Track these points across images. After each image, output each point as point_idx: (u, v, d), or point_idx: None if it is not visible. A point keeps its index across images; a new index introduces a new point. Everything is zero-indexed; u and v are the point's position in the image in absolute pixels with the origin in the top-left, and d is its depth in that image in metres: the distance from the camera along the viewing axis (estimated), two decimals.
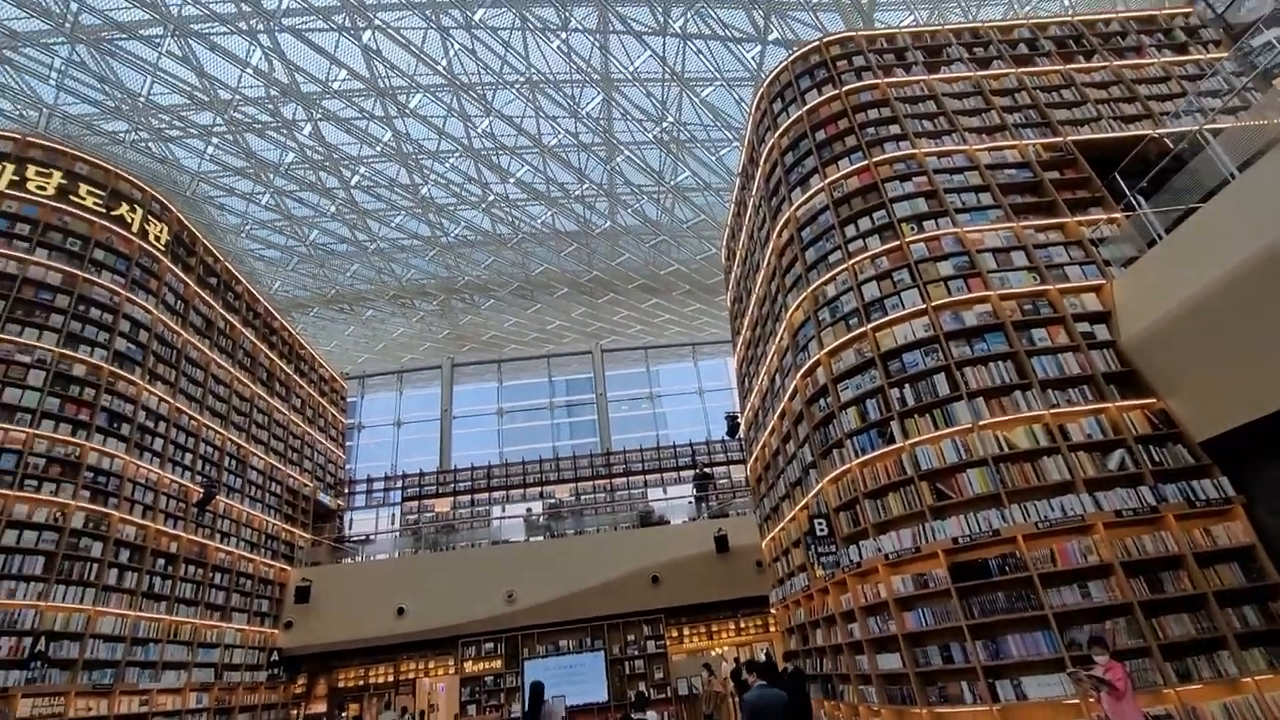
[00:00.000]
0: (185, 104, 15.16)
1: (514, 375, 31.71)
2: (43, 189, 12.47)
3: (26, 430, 10.85)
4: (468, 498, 25.41)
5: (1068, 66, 10.90)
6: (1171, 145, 8.55)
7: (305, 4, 13.58)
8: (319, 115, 16.04)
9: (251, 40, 14.20)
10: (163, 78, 14.62)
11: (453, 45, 14.75)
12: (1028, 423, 7.71)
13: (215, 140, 16.42)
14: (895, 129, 10.27)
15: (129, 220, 13.60)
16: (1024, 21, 11.88)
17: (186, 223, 15.61)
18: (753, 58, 15.03)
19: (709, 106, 16.28)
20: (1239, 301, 6.34)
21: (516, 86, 15.77)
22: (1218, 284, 6.45)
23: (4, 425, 10.68)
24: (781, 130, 11.53)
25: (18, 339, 11.27)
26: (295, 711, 16.60)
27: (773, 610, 13.45)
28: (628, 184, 18.84)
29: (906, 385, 8.40)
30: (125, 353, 12.79)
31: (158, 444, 13.27)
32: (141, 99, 15.00)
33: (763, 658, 17.93)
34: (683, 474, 24.71)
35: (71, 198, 12.74)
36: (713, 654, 18.50)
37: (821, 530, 9.12)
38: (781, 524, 11.87)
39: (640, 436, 28.47)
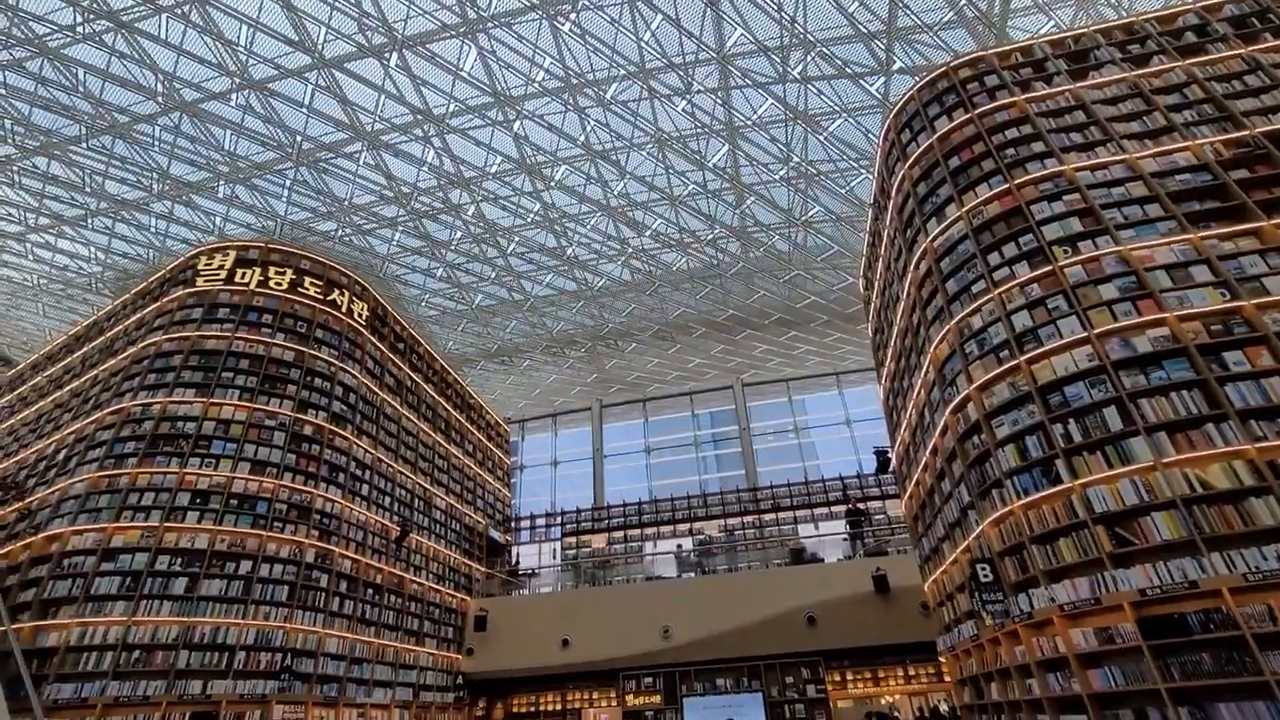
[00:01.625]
0: (376, 200, 18.12)
1: (659, 412, 32.76)
2: (279, 285, 15.49)
3: (275, 481, 13.39)
4: (620, 533, 26.48)
5: (1251, 49, 9.69)
6: None
7: (465, 105, 15.81)
8: (479, 197, 18.35)
9: (425, 143, 16.76)
10: (359, 183, 17.64)
11: (589, 121, 16.29)
12: (1226, 458, 6.86)
13: (399, 228, 19.35)
14: (1038, 146, 9.74)
15: (339, 303, 16.40)
16: (1189, 7, 10.75)
17: (380, 299, 18.45)
18: (877, 89, 14.90)
19: (835, 140, 16.29)
20: None
21: (647, 149, 16.94)
22: None
23: (259, 478, 13.27)
24: (911, 161, 11.35)
25: (266, 407, 14.01)
26: None
27: (941, 659, 12.61)
28: (758, 224, 19.21)
29: (1071, 420, 7.81)
30: (340, 413, 15.32)
31: (364, 489, 15.62)
32: (345, 202, 18.17)
33: (943, 708, 16.76)
34: (834, 509, 23.89)
35: (299, 290, 15.69)
36: (884, 701, 17.53)
37: (986, 576, 8.62)
38: (943, 566, 11.24)
39: (787, 469, 27.99)
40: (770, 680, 15.38)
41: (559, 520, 28.00)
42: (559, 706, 18.97)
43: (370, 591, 14.99)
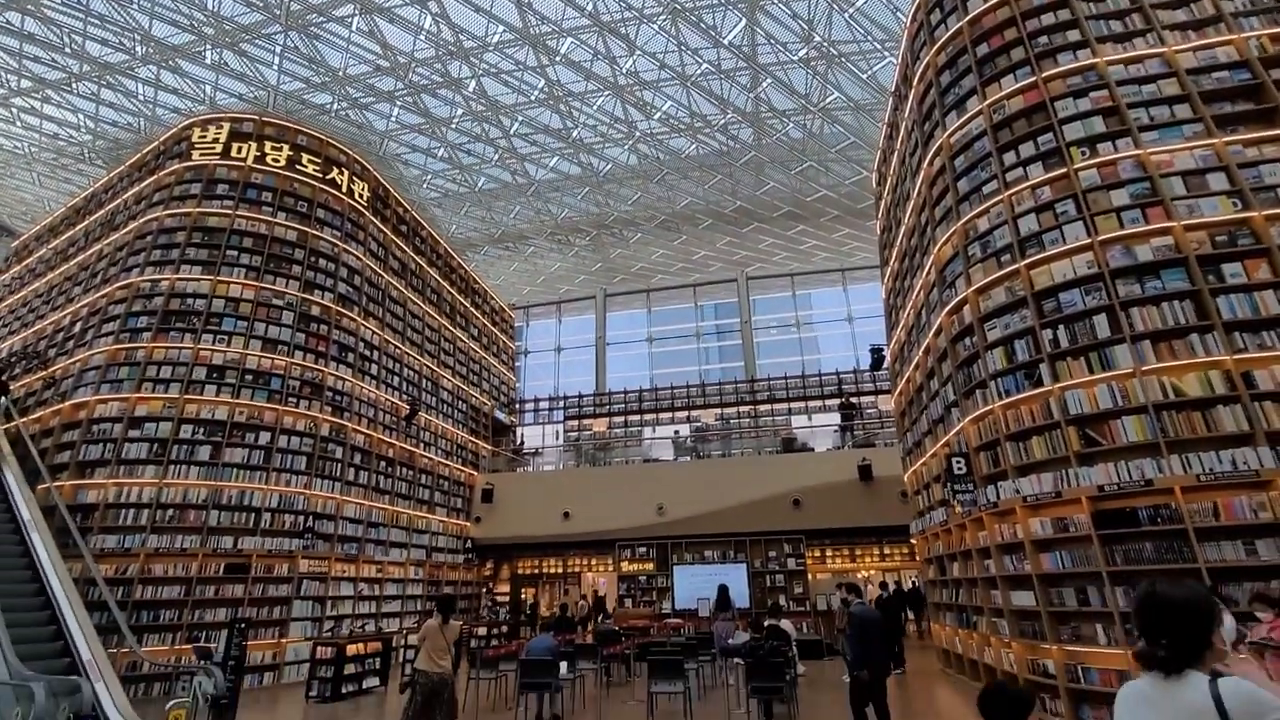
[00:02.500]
0: (371, 72, 17.20)
1: (662, 303, 32.91)
2: (277, 161, 15.13)
3: (286, 359, 13.85)
4: (621, 418, 27.60)
5: None
6: None
7: None
8: (480, 71, 17.37)
9: (422, 8, 15.62)
10: (354, 52, 16.66)
11: None
12: (1204, 368, 7.08)
13: (397, 102, 18.51)
14: (1074, 35, 9.14)
15: (339, 182, 16.08)
16: None
17: (381, 179, 18.04)
18: None
19: (862, 17, 15.14)
20: None
21: (659, 20, 15.79)
22: None
23: (270, 355, 13.71)
24: (938, 46, 10.68)
25: (273, 286, 14.18)
26: (485, 589, 20.08)
27: (913, 540, 13.64)
28: (772, 109, 18.29)
29: (1061, 326, 7.97)
30: (346, 295, 15.52)
31: (373, 369, 16.14)
32: (339, 73, 17.26)
33: (909, 586, 18.37)
34: (828, 402, 24.70)
35: (297, 167, 15.34)
36: (858, 576, 19.16)
37: (959, 469, 9.18)
38: (924, 459, 11.90)
39: (786, 362, 28.56)
40: (755, 554, 16.68)
41: (562, 404, 29.06)
42: (560, 570, 20.76)
43: (383, 464, 15.94)
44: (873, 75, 16.43)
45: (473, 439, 20.99)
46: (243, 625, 8.02)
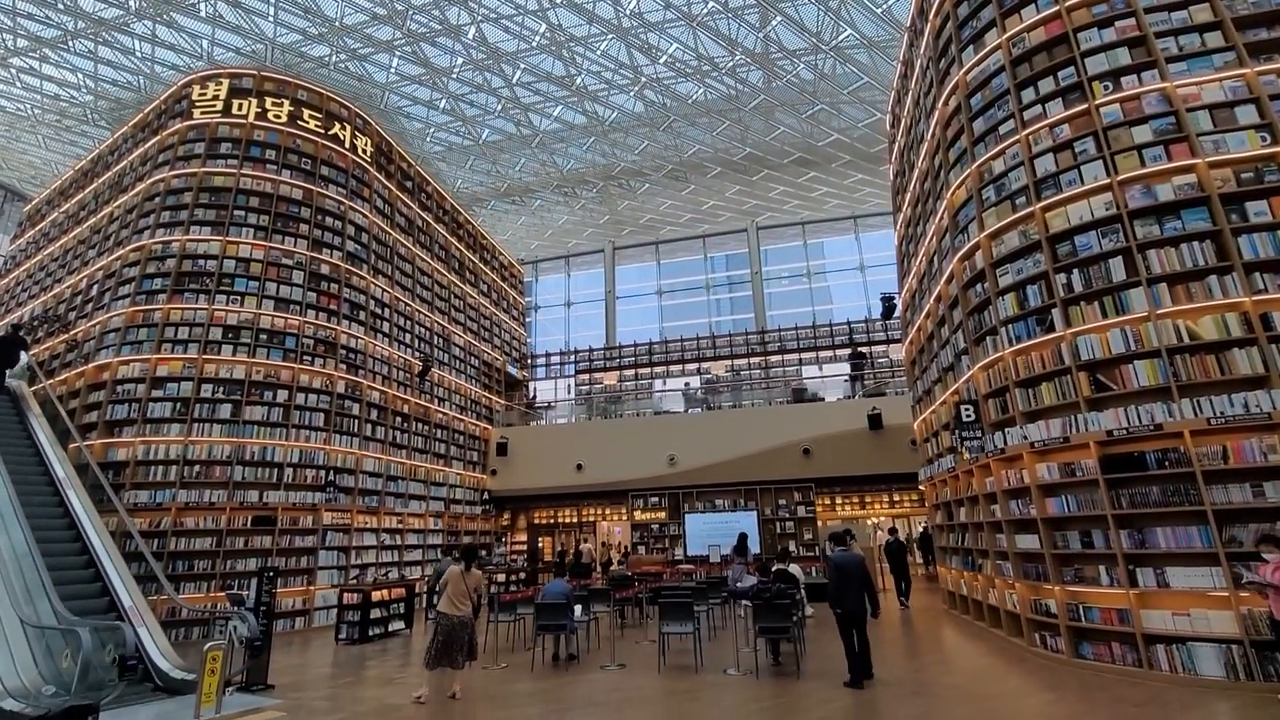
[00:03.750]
0: (368, 20, 16.70)
1: (671, 255, 32.55)
2: (278, 117, 14.93)
3: (299, 319, 13.99)
4: (631, 371, 27.74)
5: None
6: None
7: None
8: (480, 16, 16.81)
9: None
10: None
11: None
12: (1220, 310, 6.96)
13: (396, 53, 18.03)
14: None
15: (342, 138, 15.87)
16: None
17: (384, 134, 17.78)
18: None
19: None
20: None
21: None
22: None
23: (283, 314, 13.85)
24: None
25: (282, 246, 14.21)
26: (504, 538, 20.70)
27: (921, 487, 13.79)
28: (782, 50, 17.59)
29: (1075, 270, 7.83)
30: (354, 253, 15.52)
31: (385, 326, 16.28)
32: (335, 22, 16.78)
33: (920, 530, 18.67)
34: (838, 352, 24.62)
35: (299, 123, 15.13)
36: (869, 523, 19.51)
37: (968, 416, 9.20)
38: (933, 407, 11.91)
39: (796, 313, 28.36)
40: (765, 502, 16.98)
41: (573, 358, 29.21)
42: (575, 519, 21.31)
43: (399, 419, 16.25)
44: (888, 10, 15.68)
45: (486, 394, 21.27)
46: (272, 574, 8.37)
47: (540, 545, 21.56)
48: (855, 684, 6.69)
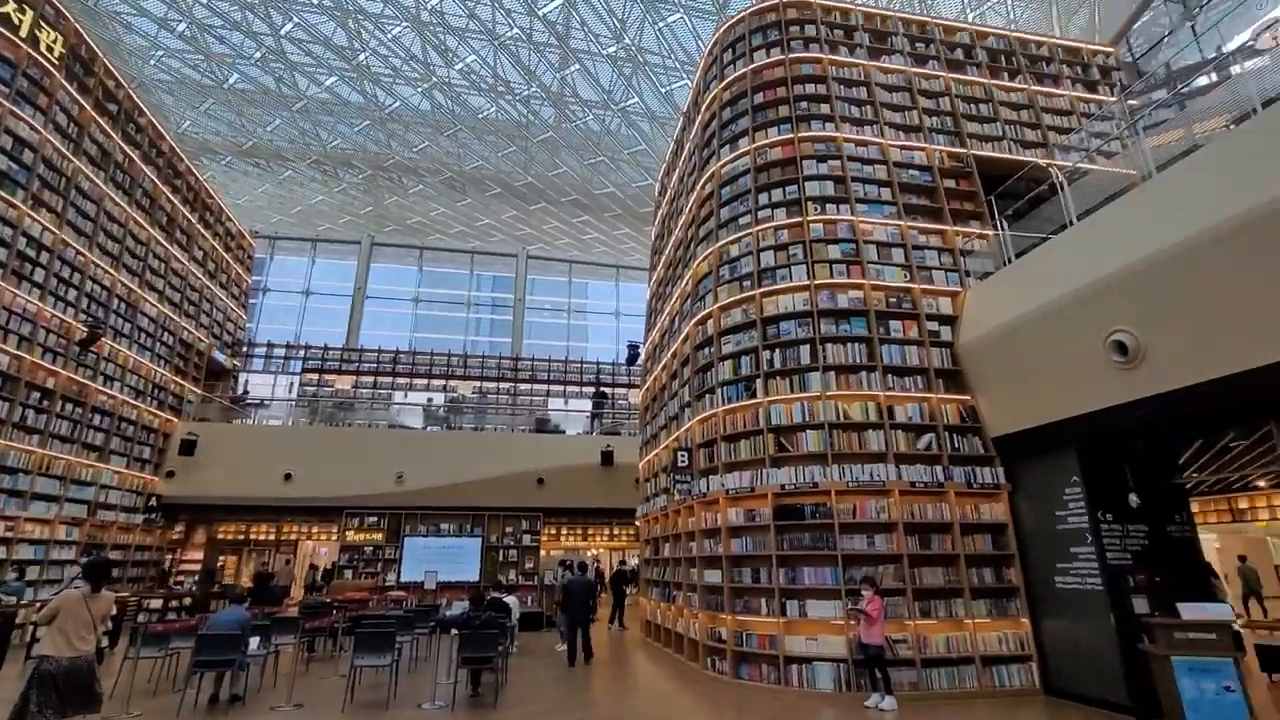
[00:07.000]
0: None
1: (436, 263, 31.18)
2: None
3: None
4: (371, 378, 25.53)
5: (991, 81, 11.71)
6: (1057, 177, 9.45)
7: None
8: None
9: None
10: None
11: None
12: (865, 399, 9.01)
13: None
14: (825, 109, 10.83)
15: (16, 21, 12.30)
16: (968, 25, 12.50)
17: (86, 36, 14.20)
18: None
19: (669, 33, 16.06)
20: (1036, 334, 7.66)
21: None
22: (1027, 316, 7.73)
23: None
24: (726, 83, 11.84)
25: None
26: (171, 556, 17.08)
27: (637, 522, 14.97)
28: (576, 97, 18.48)
29: (776, 349, 9.47)
30: (7, 172, 11.93)
31: (39, 275, 12.68)
32: None
33: (632, 564, 20.15)
34: (585, 390, 25.82)
35: None
36: (589, 554, 20.41)
37: (683, 462, 10.36)
38: (657, 450, 13.13)
39: (552, 345, 29.15)
40: (493, 528, 16.78)
41: (303, 354, 25.89)
42: (273, 536, 18.55)
43: (38, 397, 12.62)
44: (669, 93, 17.56)
45: (177, 379, 17.65)
46: None
47: (221, 564, 18.24)
48: (571, 662, 9.87)
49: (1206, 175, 5.97)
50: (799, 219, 10.05)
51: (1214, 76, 9.14)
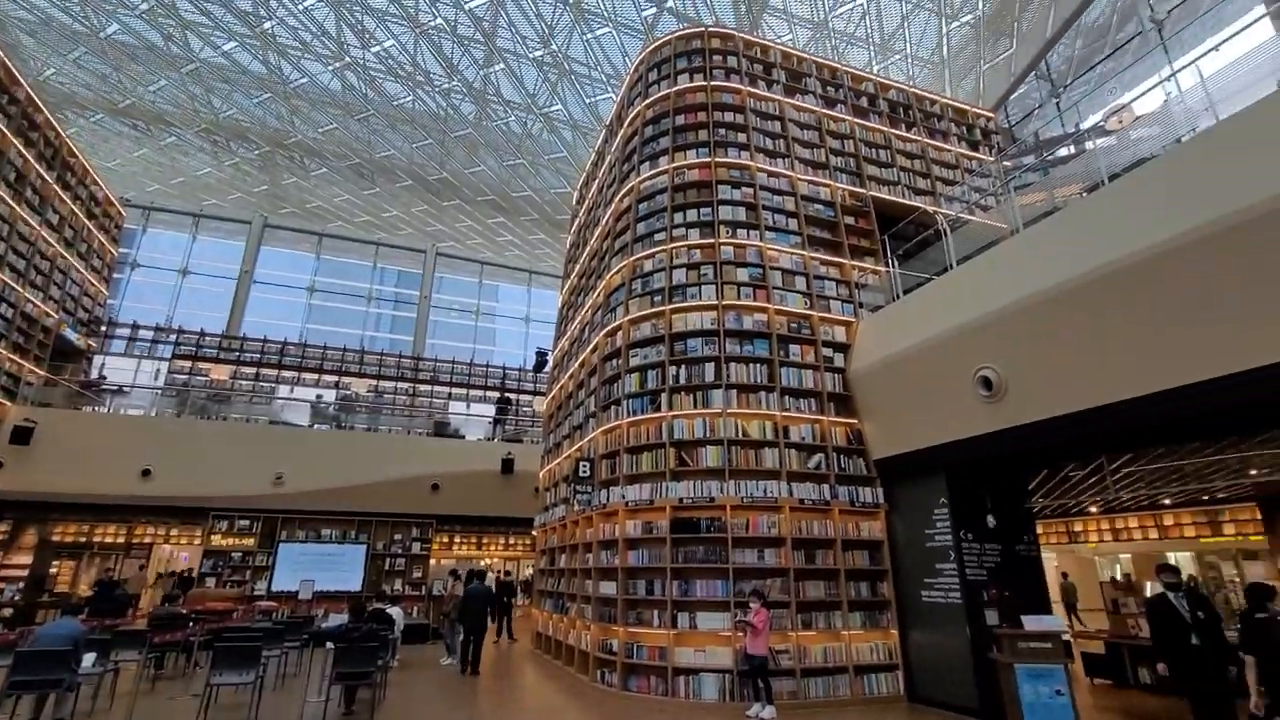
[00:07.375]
0: None
1: (336, 252, 29.44)
2: None
3: None
4: (253, 370, 23.61)
5: (890, 130, 12.67)
6: (942, 224, 10.33)
7: None
8: None
9: None
10: None
11: None
12: (764, 419, 9.38)
13: None
14: (742, 138, 11.29)
15: None
16: (874, 77, 13.48)
17: None
18: (647, 16, 15.19)
19: (596, 45, 16.18)
20: (916, 366, 8.32)
21: None
22: (910, 349, 8.38)
23: None
24: (650, 102, 12.07)
25: None
26: None
27: (534, 532, 14.73)
28: (499, 96, 18.17)
29: (683, 365, 9.68)
30: None
31: None
32: None
33: (527, 574, 19.78)
34: (488, 394, 25.19)
35: None
36: (483, 563, 19.79)
37: (584, 472, 10.33)
38: (559, 459, 13.02)
39: (458, 346, 28.26)
40: (380, 535, 15.94)
41: (174, 338, 23.55)
42: (122, 539, 16.63)
43: None
44: (594, 104, 17.66)
45: (15, 357, 15.54)
46: None
47: (54, 570, 16.10)
48: (464, 672, 9.89)
49: (1065, 233, 6.76)
50: (711, 240, 10.38)
51: (1073, 149, 10.40)
